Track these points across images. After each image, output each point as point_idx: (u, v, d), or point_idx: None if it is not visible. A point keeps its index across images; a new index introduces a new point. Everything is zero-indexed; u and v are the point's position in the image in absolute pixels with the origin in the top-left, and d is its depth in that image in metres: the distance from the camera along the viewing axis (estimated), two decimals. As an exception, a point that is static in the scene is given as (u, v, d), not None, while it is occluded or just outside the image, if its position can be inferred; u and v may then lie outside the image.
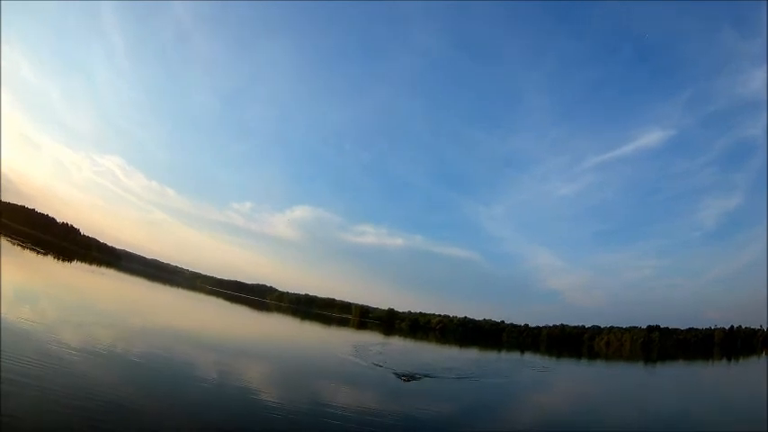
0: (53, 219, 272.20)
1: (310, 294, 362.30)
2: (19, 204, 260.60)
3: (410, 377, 42.85)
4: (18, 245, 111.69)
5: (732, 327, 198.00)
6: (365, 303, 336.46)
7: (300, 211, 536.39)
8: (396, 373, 44.23)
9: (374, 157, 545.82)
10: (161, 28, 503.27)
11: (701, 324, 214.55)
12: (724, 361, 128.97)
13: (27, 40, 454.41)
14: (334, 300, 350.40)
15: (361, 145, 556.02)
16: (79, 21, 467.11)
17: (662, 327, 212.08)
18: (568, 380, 71.90)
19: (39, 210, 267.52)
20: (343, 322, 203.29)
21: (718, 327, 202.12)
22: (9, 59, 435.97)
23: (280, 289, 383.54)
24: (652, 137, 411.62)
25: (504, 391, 49.63)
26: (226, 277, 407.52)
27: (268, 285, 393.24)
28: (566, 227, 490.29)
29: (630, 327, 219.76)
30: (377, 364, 51.59)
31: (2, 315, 29.16)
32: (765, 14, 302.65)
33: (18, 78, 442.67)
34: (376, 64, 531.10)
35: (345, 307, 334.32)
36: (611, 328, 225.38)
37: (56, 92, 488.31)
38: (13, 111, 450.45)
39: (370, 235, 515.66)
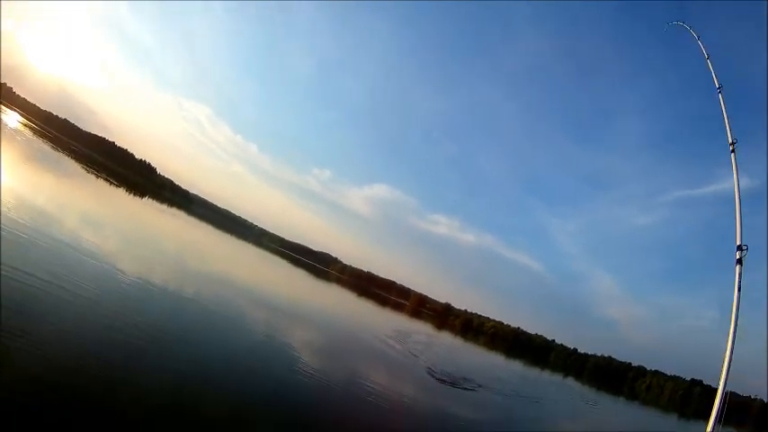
0: (132, 154, 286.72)
1: (372, 272, 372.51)
2: (99, 135, 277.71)
3: (445, 379, 39.64)
4: (93, 173, 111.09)
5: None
6: (424, 292, 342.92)
7: (378, 189, 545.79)
8: (431, 371, 41.38)
9: (460, 150, 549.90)
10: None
11: (747, 391, 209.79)
12: None
13: None
14: (394, 282, 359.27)
15: (449, 136, 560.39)
16: None
17: (705, 383, 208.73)
18: (620, 422, 67.03)
19: (119, 144, 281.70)
20: (398, 306, 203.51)
21: (758, 398, 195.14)
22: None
23: (343, 261, 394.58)
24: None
25: (551, 419, 46.37)
26: (293, 239, 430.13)
27: (333, 255, 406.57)
28: (632, 257, 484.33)
29: (674, 375, 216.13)
30: (413, 354, 49.98)
31: (62, 235, 29.56)
32: None
33: (117, 19, 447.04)
34: (479, 60, 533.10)
35: (404, 292, 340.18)
36: (656, 372, 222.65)
37: (151, 35, 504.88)
38: (108, 48, 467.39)
39: (442, 225, 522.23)
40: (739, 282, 9.18)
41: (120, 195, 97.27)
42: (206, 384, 17.45)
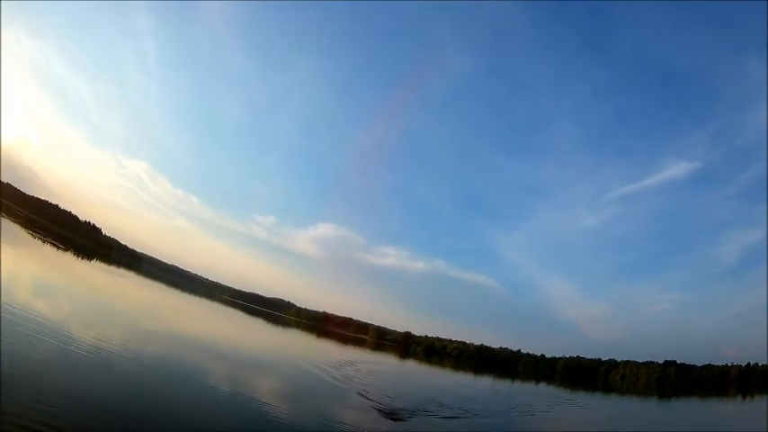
0: (76, 216, 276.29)
1: (328, 312, 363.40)
2: (43, 199, 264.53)
3: (395, 415, 33.13)
4: (39, 238, 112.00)
5: (749, 364, 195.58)
6: (383, 325, 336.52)
7: (323, 229, 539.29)
8: (380, 409, 34.42)
9: (399, 180, 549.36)
10: (195, 37, 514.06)
11: (719, 361, 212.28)
12: (738, 398, 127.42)
13: (60, 35, 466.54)
14: (351, 319, 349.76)
15: (386, 166, 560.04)
16: (113, 22, 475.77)
17: (678, 363, 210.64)
18: (606, 417, 67.35)
19: (62, 206, 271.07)
20: (359, 342, 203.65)
21: (735, 364, 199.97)
22: (42, 53, 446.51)
23: (298, 305, 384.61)
24: (678, 168, 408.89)
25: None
26: (244, 289, 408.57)
27: (286, 300, 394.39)
28: (586, 258, 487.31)
29: (647, 361, 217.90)
30: (362, 394, 40.94)
31: (16, 306, 29.20)
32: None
33: (51, 74, 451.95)
34: (407, 86, 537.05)
35: (362, 327, 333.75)
36: (627, 362, 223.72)
37: (87, 90, 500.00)
38: (43, 104, 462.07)
39: (391, 257, 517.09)
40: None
41: (68, 260, 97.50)
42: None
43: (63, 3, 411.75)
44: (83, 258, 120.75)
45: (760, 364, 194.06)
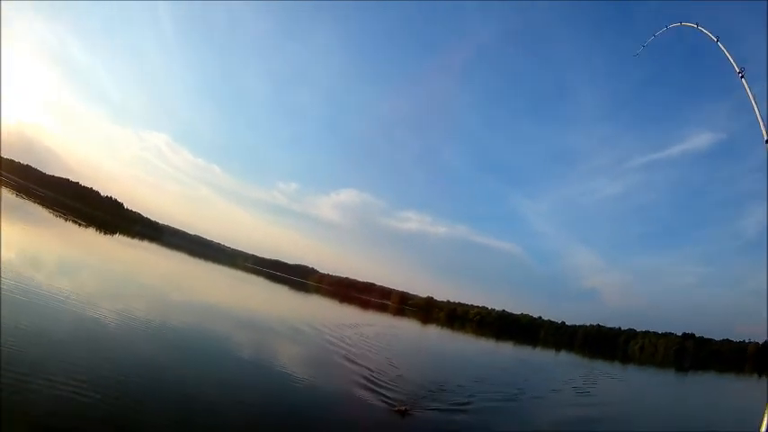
0: (97, 192, 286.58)
1: (351, 278, 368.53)
2: (63, 177, 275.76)
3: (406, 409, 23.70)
4: (60, 216, 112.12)
5: (767, 341, 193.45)
6: (405, 290, 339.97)
7: (346, 194, 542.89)
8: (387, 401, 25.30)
9: (423, 146, 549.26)
10: (211, 9, 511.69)
11: (736, 336, 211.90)
12: (755, 376, 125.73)
13: (77, 18, 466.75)
14: (374, 284, 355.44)
15: (411, 133, 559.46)
16: (129, 5, 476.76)
17: (697, 336, 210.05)
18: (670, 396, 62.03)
19: (83, 183, 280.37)
20: (381, 307, 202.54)
21: (753, 341, 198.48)
22: (58, 37, 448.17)
23: (320, 271, 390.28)
24: (701, 138, 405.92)
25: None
26: (267, 256, 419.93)
27: (309, 266, 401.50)
28: (609, 226, 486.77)
29: (666, 333, 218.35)
30: (350, 358, 36.13)
31: (38, 285, 29.64)
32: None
33: (67, 57, 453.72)
34: (429, 54, 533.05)
35: (385, 292, 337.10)
36: (647, 332, 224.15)
37: (103, 69, 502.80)
38: (61, 87, 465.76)
39: (413, 222, 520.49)
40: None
41: (91, 236, 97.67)
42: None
43: None
44: (105, 233, 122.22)
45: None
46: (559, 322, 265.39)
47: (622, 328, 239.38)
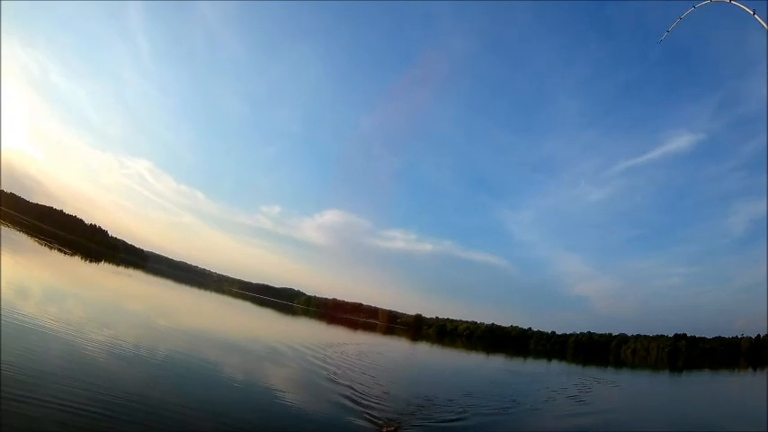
0: (81, 220, 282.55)
1: (338, 299, 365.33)
2: (47, 205, 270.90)
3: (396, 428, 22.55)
4: (46, 245, 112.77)
5: (759, 335, 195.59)
6: (393, 309, 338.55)
7: (329, 216, 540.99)
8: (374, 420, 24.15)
9: (404, 162, 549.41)
10: (188, 31, 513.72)
11: (729, 333, 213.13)
12: (749, 371, 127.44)
13: (54, 43, 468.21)
14: (361, 305, 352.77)
15: (390, 149, 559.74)
16: (105, 24, 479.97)
17: (689, 335, 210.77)
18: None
19: (67, 211, 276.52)
20: (370, 327, 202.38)
21: (745, 336, 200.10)
22: (38, 63, 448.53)
23: (307, 293, 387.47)
24: (682, 140, 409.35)
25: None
26: (253, 280, 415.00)
27: (295, 289, 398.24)
28: (594, 232, 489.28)
29: (657, 335, 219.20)
30: (332, 379, 34.86)
31: (28, 314, 29.53)
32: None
33: (47, 82, 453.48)
34: (406, 68, 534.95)
35: (373, 312, 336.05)
36: (638, 336, 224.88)
37: (84, 95, 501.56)
38: (42, 114, 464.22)
39: (399, 240, 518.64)
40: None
41: (76, 264, 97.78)
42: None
43: (54, 9, 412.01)
44: (90, 261, 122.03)
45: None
46: (549, 332, 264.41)
47: (613, 334, 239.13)
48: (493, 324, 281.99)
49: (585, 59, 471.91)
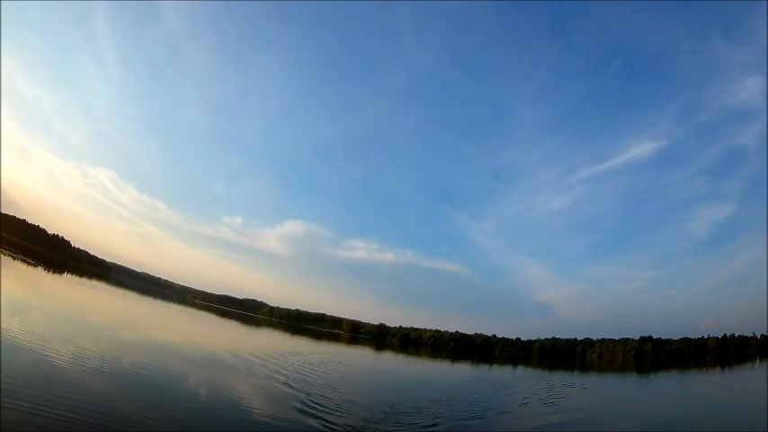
0: (44, 230, 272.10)
1: (301, 309, 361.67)
2: (10, 215, 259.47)
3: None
4: (9, 255, 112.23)
5: (725, 335, 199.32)
6: (356, 318, 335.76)
7: (291, 226, 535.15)
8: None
9: (365, 172, 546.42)
10: (153, 40, 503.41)
11: (695, 334, 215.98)
12: (717, 369, 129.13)
13: (20, 49, 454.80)
14: (324, 315, 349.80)
15: (351, 160, 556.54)
16: (71, 30, 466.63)
17: (655, 338, 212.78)
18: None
19: (29, 220, 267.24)
20: (334, 337, 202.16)
21: (712, 336, 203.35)
22: (5, 69, 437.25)
23: (270, 304, 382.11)
24: (643, 147, 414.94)
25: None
26: (216, 291, 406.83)
27: (258, 300, 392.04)
28: (557, 239, 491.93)
29: (623, 338, 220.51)
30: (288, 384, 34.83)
31: None
32: (754, 22, 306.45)
33: (11, 88, 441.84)
34: (368, 79, 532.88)
35: (336, 322, 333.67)
36: (604, 340, 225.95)
37: (48, 102, 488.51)
38: (5, 120, 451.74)
39: (361, 250, 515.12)
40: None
41: (39, 275, 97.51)
42: None
43: (23, 10, 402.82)
44: (54, 272, 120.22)
45: (736, 335, 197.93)
46: (514, 339, 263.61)
47: (579, 339, 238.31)
48: (457, 332, 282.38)
49: (546, 70, 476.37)
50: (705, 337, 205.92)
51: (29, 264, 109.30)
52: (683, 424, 38.54)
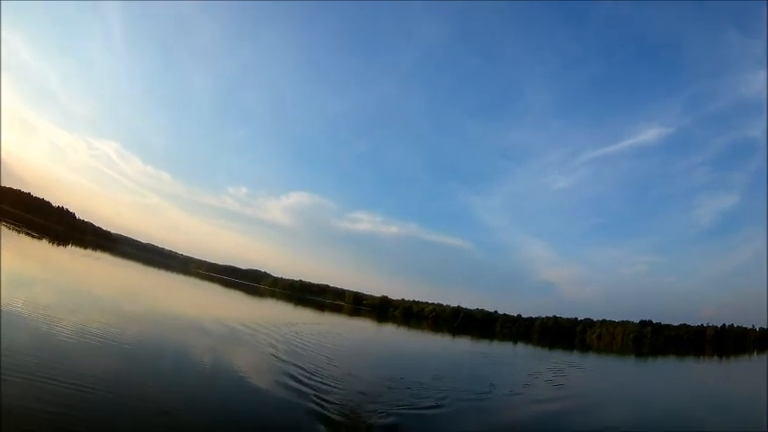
0: (48, 203, 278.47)
1: (304, 280, 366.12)
2: (14, 188, 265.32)
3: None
4: (14, 229, 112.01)
5: (724, 325, 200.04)
6: (359, 290, 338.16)
7: (296, 197, 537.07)
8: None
9: (371, 147, 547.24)
10: (160, 14, 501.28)
11: (695, 321, 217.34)
12: (715, 359, 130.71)
13: (26, 23, 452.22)
14: (327, 286, 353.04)
15: (357, 134, 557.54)
16: (77, 4, 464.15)
17: (654, 322, 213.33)
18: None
19: (34, 194, 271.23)
20: (336, 308, 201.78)
21: (711, 324, 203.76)
22: (8, 42, 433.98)
23: (274, 275, 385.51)
24: (650, 133, 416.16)
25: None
26: (220, 262, 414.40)
27: (262, 271, 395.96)
28: (561, 219, 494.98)
29: (623, 321, 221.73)
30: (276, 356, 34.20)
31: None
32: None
33: (17, 61, 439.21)
34: (377, 56, 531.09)
35: (339, 293, 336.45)
36: (604, 321, 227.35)
37: (53, 75, 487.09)
38: (10, 93, 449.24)
39: (364, 222, 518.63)
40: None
41: (44, 248, 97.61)
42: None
43: None
44: (58, 245, 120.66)
45: (735, 326, 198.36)
46: (515, 315, 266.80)
47: (579, 319, 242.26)
48: (459, 306, 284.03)
49: (557, 52, 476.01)
50: (704, 325, 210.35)
51: (33, 236, 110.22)
52: (690, 414, 37.60)
